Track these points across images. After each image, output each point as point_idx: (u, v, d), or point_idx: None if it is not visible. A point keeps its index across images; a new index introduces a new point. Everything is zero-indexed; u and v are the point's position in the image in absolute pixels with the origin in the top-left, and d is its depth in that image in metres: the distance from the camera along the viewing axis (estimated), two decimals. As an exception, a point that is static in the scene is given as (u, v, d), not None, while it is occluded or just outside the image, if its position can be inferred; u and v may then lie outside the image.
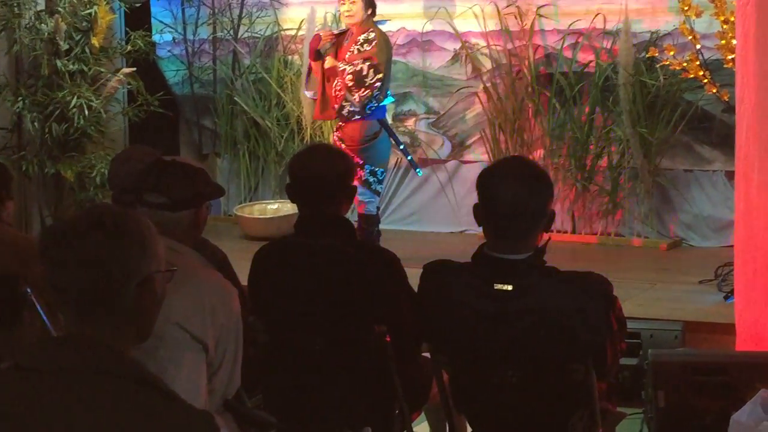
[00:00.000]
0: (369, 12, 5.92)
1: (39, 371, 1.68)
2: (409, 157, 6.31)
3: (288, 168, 3.29)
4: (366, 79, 5.77)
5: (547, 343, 2.73)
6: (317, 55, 6.02)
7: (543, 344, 2.73)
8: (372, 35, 5.87)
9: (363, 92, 5.77)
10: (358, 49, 5.85)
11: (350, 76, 5.79)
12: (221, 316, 2.61)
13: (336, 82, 5.94)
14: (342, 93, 5.87)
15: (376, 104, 5.83)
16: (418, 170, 6.52)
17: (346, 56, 5.92)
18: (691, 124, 6.45)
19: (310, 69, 6.14)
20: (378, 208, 6.15)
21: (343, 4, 5.92)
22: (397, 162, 7.39)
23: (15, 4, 6.55)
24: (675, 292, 5.42)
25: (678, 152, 6.58)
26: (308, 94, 6.26)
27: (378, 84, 5.77)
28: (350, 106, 5.82)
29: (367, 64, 5.78)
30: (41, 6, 6.69)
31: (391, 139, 6.07)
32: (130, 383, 1.65)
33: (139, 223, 1.77)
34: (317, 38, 6.07)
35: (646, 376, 3.88)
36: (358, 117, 5.83)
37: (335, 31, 6.21)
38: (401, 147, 6.22)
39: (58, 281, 1.72)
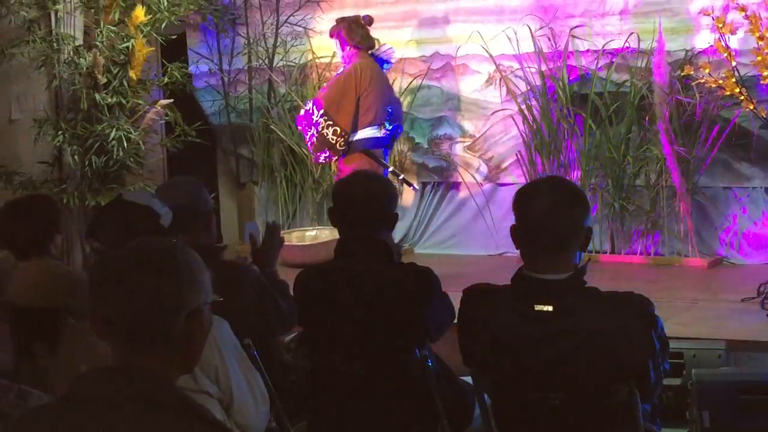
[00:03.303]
0: (348, 50, 6.14)
1: (87, 402, 1.70)
2: (400, 177, 6.37)
3: (332, 193, 3.35)
4: (330, 141, 6.07)
5: (589, 363, 2.71)
6: None
7: (585, 365, 2.72)
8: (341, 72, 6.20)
9: (327, 153, 6.13)
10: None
11: (316, 137, 6.10)
12: (211, 358, 2.62)
13: None
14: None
15: (345, 144, 6.07)
16: (413, 186, 6.61)
17: None
18: (728, 142, 6.41)
19: None
20: None
21: None
22: (433, 187, 7.41)
23: (54, 40, 6.66)
24: (717, 311, 5.36)
25: (716, 170, 6.54)
26: None
27: (341, 140, 6.03)
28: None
29: (332, 130, 6.04)
30: (79, 41, 6.79)
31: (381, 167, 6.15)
32: (177, 413, 1.67)
33: (187, 256, 1.80)
34: None
35: (690, 396, 3.85)
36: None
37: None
38: (390, 170, 6.26)
39: (108, 314, 1.75)
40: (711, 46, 6.06)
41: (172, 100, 6.93)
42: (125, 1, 6.74)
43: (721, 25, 5.69)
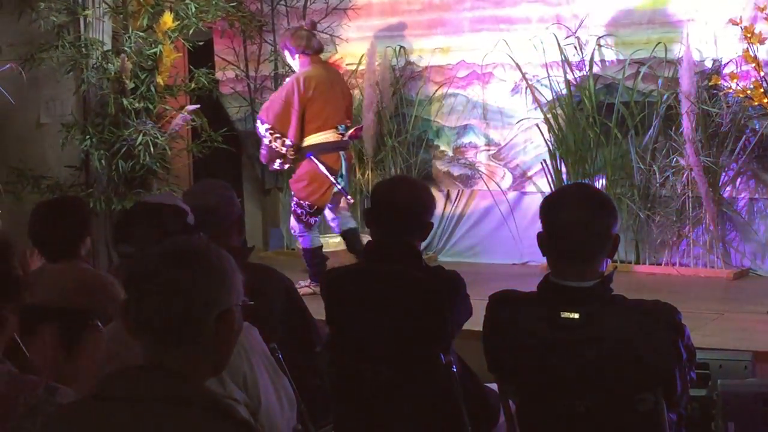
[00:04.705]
0: (295, 58, 6.24)
1: (116, 400, 1.71)
2: (339, 186, 6.23)
3: (371, 193, 3.38)
4: (280, 152, 6.14)
5: (616, 371, 2.70)
6: None
7: (611, 373, 2.71)
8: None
9: (280, 161, 6.22)
10: None
11: (266, 149, 6.18)
12: (240, 364, 2.62)
13: None
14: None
15: (295, 152, 6.14)
16: (348, 197, 6.42)
17: None
18: (755, 152, 6.38)
19: None
20: (313, 242, 6.29)
21: None
22: (458, 195, 7.40)
23: (83, 45, 6.71)
24: (743, 322, 5.33)
25: (743, 180, 6.51)
26: None
27: (291, 150, 6.10)
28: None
29: (280, 141, 6.11)
30: (108, 46, 6.85)
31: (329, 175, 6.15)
32: (207, 412, 1.68)
33: (220, 256, 1.81)
34: None
35: (715, 407, 3.83)
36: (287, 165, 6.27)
37: None
38: (335, 181, 6.20)
39: (141, 312, 1.76)
40: (739, 56, 6.04)
41: (198, 106, 6.97)
42: (153, 7, 6.79)
43: (749, 35, 5.67)
